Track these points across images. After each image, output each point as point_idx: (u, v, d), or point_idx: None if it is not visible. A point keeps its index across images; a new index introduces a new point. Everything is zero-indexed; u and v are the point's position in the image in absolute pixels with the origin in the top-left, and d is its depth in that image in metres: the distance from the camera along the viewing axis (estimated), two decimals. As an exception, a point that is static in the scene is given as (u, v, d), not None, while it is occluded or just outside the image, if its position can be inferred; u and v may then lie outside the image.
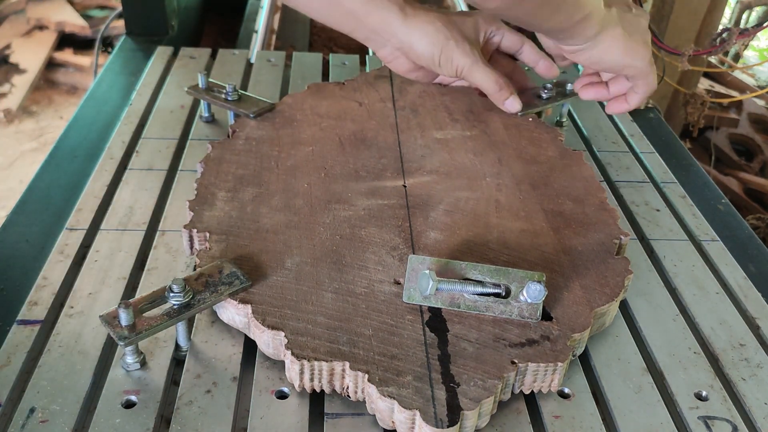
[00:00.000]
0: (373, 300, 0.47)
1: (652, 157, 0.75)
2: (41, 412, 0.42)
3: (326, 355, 0.43)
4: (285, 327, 0.45)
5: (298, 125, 0.66)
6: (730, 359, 0.50)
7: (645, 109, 0.87)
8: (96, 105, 0.80)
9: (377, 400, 0.41)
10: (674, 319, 0.53)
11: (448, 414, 0.40)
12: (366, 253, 0.52)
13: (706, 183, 0.74)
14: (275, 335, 0.45)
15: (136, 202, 0.61)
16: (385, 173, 0.61)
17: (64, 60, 2.51)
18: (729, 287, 0.58)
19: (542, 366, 0.44)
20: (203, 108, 0.74)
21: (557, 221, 0.56)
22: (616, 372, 0.48)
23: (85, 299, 0.51)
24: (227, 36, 1.36)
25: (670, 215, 0.66)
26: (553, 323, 0.47)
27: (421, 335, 0.45)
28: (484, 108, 0.72)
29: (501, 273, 0.48)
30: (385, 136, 0.66)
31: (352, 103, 0.71)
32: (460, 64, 0.66)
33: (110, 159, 0.67)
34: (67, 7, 2.64)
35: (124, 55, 0.92)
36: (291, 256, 0.51)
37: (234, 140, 0.64)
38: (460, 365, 0.43)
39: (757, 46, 2.81)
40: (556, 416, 0.44)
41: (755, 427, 0.45)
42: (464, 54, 0.65)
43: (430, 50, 0.65)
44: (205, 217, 0.54)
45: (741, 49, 2.32)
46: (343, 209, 0.56)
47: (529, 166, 0.63)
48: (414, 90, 0.74)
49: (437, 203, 0.57)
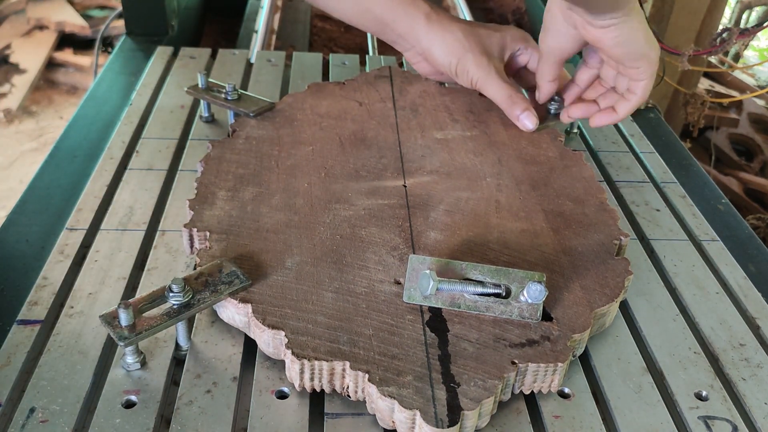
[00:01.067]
0: (373, 300, 0.47)
1: (652, 157, 0.75)
2: (41, 412, 0.42)
3: (326, 354, 0.43)
4: (285, 326, 0.45)
5: (298, 125, 0.66)
6: (730, 359, 0.50)
7: (645, 109, 0.87)
8: (96, 105, 0.80)
9: (377, 399, 0.41)
10: (674, 319, 0.53)
11: (449, 414, 0.40)
12: (366, 252, 0.52)
13: (706, 183, 0.74)
14: (275, 335, 0.45)
15: (136, 202, 0.61)
16: (385, 173, 0.61)
17: (64, 60, 2.51)
18: (729, 287, 0.58)
19: (542, 366, 0.44)
20: (203, 108, 0.74)
21: (557, 221, 0.56)
22: (616, 372, 0.48)
23: (85, 299, 0.51)
24: (227, 36, 1.36)
25: (670, 215, 0.66)
26: (553, 324, 0.47)
27: (422, 335, 0.45)
28: (484, 108, 0.72)
29: (501, 273, 0.48)
30: (385, 136, 0.66)
31: (353, 103, 0.71)
32: (474, 76, 0.66)
33: (110, 159, 0.67)
34: (67, 7, 2.64)
35: (124, 55, 0.92)
36: (291, 256, 0.51)
37: (234, 140, 0.64)
38: (461, 365, 0.43)
39: (757, 46, 2.81)
40: (556, 416, 0.44)
41: (755, 427, 0.45)
42: (479, 66, 0.66)
43: (448, 59, 0.67)
44: (205, 216, 0.54)
45: (741, 49, 2.32)
46: (343, 209, 0.56)
47: (529, 167, 0.63)
48: (414, 90, 0.74)
49: (437, 203, 0.57)
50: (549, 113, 0.69)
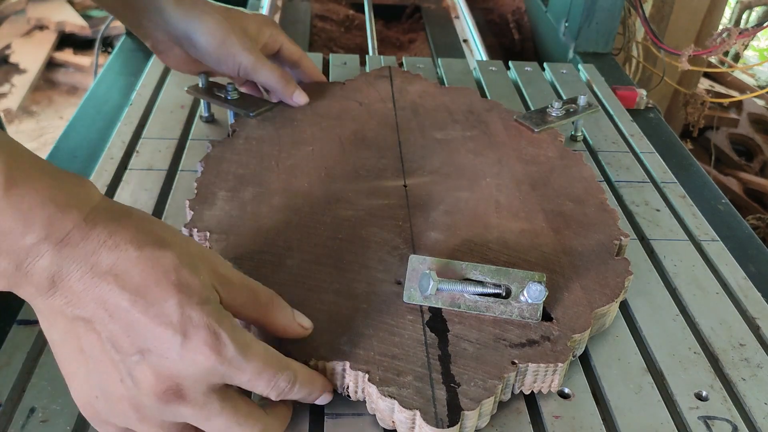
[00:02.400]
0: (373, 300, 0.47)
1: (652, 157, 0.75)
2: (41, 411, 0.42)
3: (326, 354, 0.43)
4: (285, 327, 0.45)
5: (298, 125, 0.66)
6: (730, 359, 0.50)
7: (645, 109, 0.88)
8: (96, 105, 0.80)
9: (377, 399, 0.41)
10: (674, 319, 0.53)
11: (449, 414, 0.40)
12: (366, 252, 0.52)
13: (706, 183, 0.74)
14: (275, 335, 0.45)
15: (136, 202, 0.61)
16: (385, 173, 0.61)
17: (64, 60, 2.51)
18: (729, 287, 0.58)
19: (542, 366, 0.44)
20: (203, 108, 0.74)
21: (557, 222, 0.56)
22: (616, 372, 0.48)
23: (86, 299, 0.51)
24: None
25: (670, 215, 0.66)
26: (553, 324, 0.47)
27: (422, 335, 0.45)
28: (484, 108, 0.72)
29: (501, 273, 0.48)
30: (385, 136, 0.66)
31: (353, 103, 0.71)
32: (244, 61, 0.63)
33: (110, 159, 0.67)
34: (67, 7, 2.64)
35: (124, 55, 0.92)
36: (291, 256, 0.51)
37: (234, 140, 0.64)
38: (461, 365, 0.43)
39: (757, 46, 2.81)
40: (556, 416, 0.44)
41: (755, 427, 0.45)
42: (246, 50, 0.63)
43: (208, 44, 0.62)
44: (205, 216, 0.54)
45: (741, 49, 2.32)
46: (343, 209, 0.56)
47: (529, 167, 0.63)
48: (414, 90, 0.74)
49: (437, 203, 0.57)
50: (550, 114, 0.69)
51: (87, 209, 0.34)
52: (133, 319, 0.34)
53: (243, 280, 0.40)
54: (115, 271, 0.34)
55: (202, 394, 0.36)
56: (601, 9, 0.98)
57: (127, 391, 0.35)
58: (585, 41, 1.01)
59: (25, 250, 0.33)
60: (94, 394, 0.36)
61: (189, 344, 0.34)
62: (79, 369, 0.36)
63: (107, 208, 0.35)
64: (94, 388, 0.36)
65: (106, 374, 0.35)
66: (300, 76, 0.73)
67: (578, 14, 0.99)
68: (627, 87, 0.89)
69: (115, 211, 0.36)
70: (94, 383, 0.36)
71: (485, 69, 0.90)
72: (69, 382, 0.37)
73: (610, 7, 0.98)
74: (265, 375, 0.37)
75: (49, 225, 0.33)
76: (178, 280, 0.35)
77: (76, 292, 0.34)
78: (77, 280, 0.33)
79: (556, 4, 1.12)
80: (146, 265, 0.34)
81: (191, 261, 0.36)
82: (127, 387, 0.35)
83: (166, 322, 0.34)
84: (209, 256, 0.39)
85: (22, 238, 0.32)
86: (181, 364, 0.34)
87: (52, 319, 0.36)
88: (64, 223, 0.33)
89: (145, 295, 0.34)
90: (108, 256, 0.34)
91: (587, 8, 0.98)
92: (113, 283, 0.34)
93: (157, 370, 0.34)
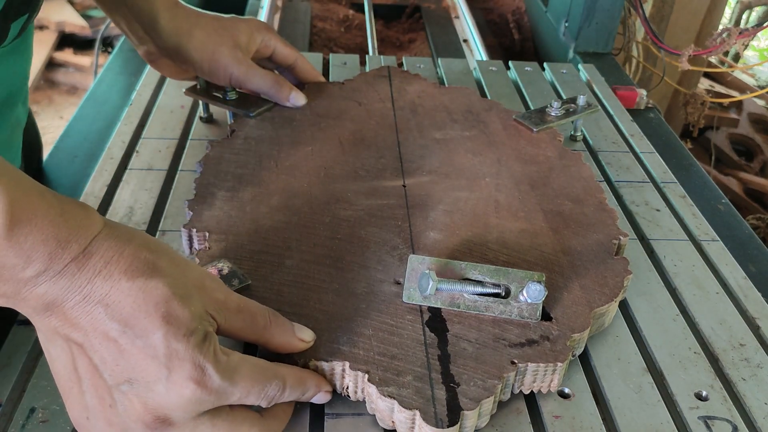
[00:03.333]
0: (373, 300, 0.47)
1: (652, 157, 0.75)
2: (41, 412, 0.42)
3: (326, 354, 0.43)
4: (285, 327, 0.45)
5: (297, 125, 0.66)
6: (730, 359, 0.50)
7: (645, 109, 0.87)
8: (96, 105, 0.80)
9: (377, 399, 0.41)
10: (674, 319, 0.53)
11: (448, 414, 0.40)
12: (366, 252, 0.52)
13: (706, 183, 0.74)
14: (275, 335, 0.45)
15: (136, 202, 0.61)
16: (384, 173, 0.61)
17: (64, 60, 2.51)
18: (729, 287, 0.57)
19: (542, 366, 0.44)
20: (201, 108, 0.74)
21: (556, 221, 0.56)
22: (616, 372, 0.48)
23: (85, 299, 0.51)
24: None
25: (670, 215, 0.66)
26: (552, 323, 0.46)
27: (421, 335, 0.45)
28: (483, 108, 0.72)
29: (501, 273, 0.48)
30: (384, 136, 0.66)
31: (352, 103, 0.71)
32: (234, 71, 0.64)
33: (110, 159, 0.67)
34: (67, 7, 2.64)
35: (124, 55, 0.92)
36: (290, 256, 0.51)
37: (233, 140, 0.64)
38: (460, 365, 0.43)
39: (757, 46, 2.81)
40: (556, 416, 0.44)
41: (755, 427, 0.45)
42: (236, 61, 0.64)
43: (199, 55, 0.63)
44: (204, 216, 0.54)
45: (741, 49, 2.32)
46: (342, 209, 0.56)
47: (529, 166, 0.63)
48: (413, 90, 0.74)
49: (437, 203, 0.57)
50: (549, 114, 0.69)
51: (87, 241, 0.35)
52: (121, 349, 0.34)
53: (240, 303, 0.40)
54: (106, 301, 0.34)
55: (191, 420, 0.36)
56: (601, 9, 0.98)
57: (116, 417, 0.36)
58: (585, 41, 1.01)
59: (24, 281, 0.33)
60: (85, 415, 0.37)
61: (174, 378, 0.34)
62: (73, 388, 0.37)
63: (109, 235, 0.36)
64: (85, 408, 0.37)
65: (97, 398, 0.36)
66: (297, 78, 0.73)
67: (578, 14, 0.99)
68: (627, 87, 0.89)
69: (116, 238, 0.36)
70: (86, 404, 0.37)
71: (485, 69, 0.90)
72: (64, 398, 0.38)
73: (610, 7, 0.98)
74: (254, 391, 0.38)
75: (49, 261, 0.33)
76: (167, 311, 0.35)
77: (70, 318, 0.34)
78: (70, 308, 0.34)
79: (556, 4, 1.12)
80: (137, 296, 0.35)
81: (184, 291, 0.36)
82: (116, 413, 0.36)
83: (152, 354, 0.34)
84: (206, 282, 0.39)
85: (22, 271, 0.33)
86: (167, 397, 0.35)
87: (49, 335, 0.36)
88: (63, 258, 0.34)
89: (133, 327, 0.34)
90: (102, 286, 0.34)
91: (587, 8, 0.98)
92: (104, 313, 0.34)
93: (145, 401, 0.35)
